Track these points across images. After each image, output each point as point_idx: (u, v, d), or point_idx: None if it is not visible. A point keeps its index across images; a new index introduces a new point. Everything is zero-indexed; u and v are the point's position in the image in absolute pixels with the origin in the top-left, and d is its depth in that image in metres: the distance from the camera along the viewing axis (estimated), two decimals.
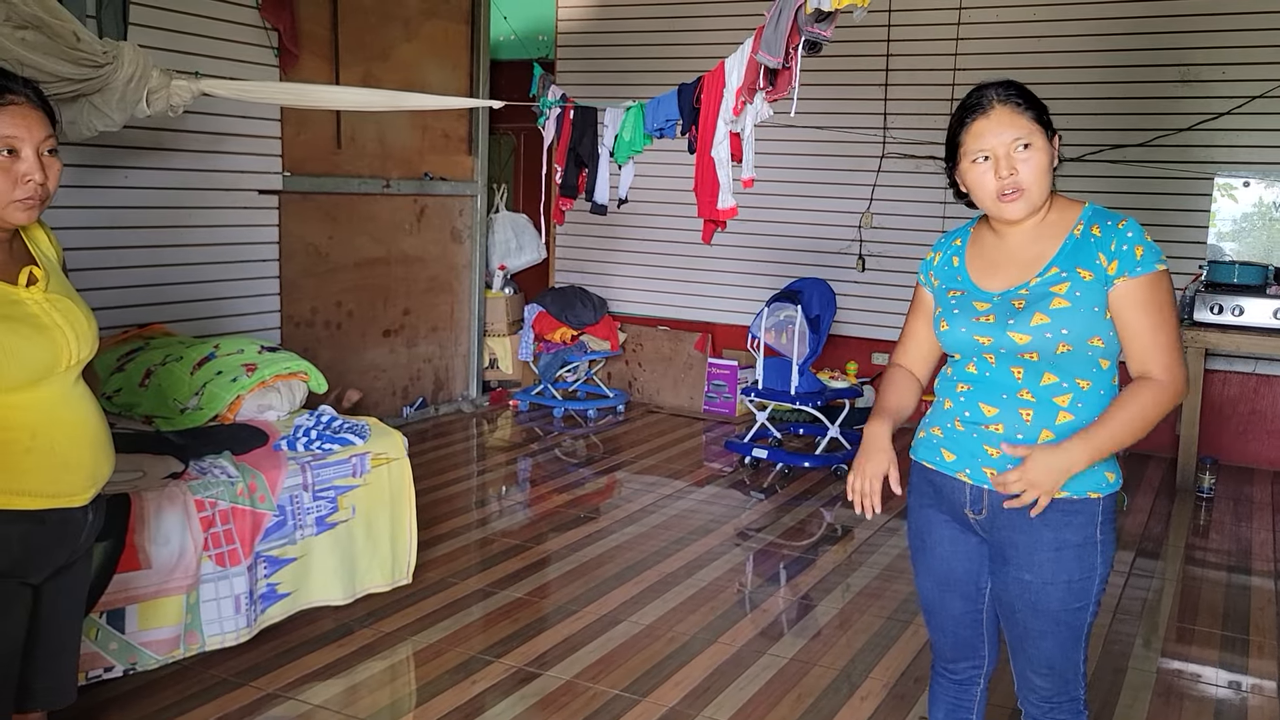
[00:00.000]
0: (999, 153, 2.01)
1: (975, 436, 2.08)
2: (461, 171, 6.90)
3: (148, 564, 3.08)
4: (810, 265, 6.91)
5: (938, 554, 2.22)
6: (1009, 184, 2.00)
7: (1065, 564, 2.04)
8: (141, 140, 4.77)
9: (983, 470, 2.07)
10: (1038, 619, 2.08)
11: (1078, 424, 2.00)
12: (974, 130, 2.04)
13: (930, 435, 2.19)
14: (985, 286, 2.11)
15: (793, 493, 5.44)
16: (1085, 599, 2.06)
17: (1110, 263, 1.99)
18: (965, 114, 2.06)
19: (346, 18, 5.89)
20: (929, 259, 2.27)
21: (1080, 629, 2.09)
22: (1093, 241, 2.02)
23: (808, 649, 3.59)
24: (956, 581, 2.22)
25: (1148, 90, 6.15)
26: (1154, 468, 6.09)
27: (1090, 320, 1.99)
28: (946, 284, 2.19)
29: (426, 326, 6.77)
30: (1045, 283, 2.02)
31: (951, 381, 2.15)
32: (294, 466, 3.53)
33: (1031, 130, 2.02)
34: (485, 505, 5.15)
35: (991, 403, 2.06)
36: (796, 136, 6.78)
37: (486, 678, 3.31)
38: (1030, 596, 2.07)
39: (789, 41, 3.69)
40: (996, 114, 2.02)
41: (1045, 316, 1.99)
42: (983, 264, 2.14)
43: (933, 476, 2.18)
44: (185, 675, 3.23)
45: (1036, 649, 2.11)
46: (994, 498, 2.07)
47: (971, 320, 2.08)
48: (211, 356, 3.99)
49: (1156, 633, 3.82)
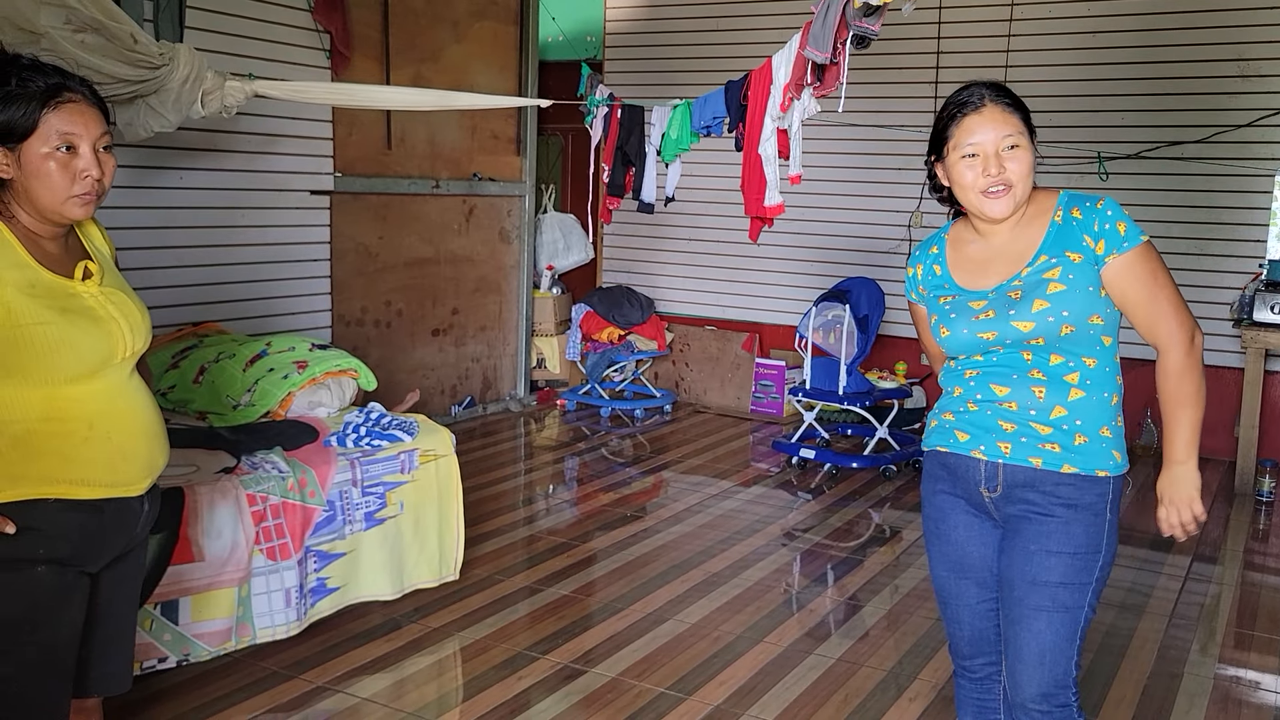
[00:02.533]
0: (988, 150, 2.06)
1: (990, 414, 2.13)
2: (510, 172, 6.94)
3: (201, 557, 3.12)
4: (859, 264, 6.85)
5: (952, 539, 2.25)
6: (997, 180, 2.05)
7: (1072, 535, 2.07)
8: (196, 141, 4.85)
9: (997, 445, 2.12)
10: (1035, 593, 2.08)
11: (1088, 400, 2.07)
12: (966, 125, 2.09)
13: (942, 421, 2.23)
14: (976, 286, 2.15)
15: (840, 493, 5.40)
16: (1086, 578, 2.08)
17: (1097, 243, 2.04)
18: (957, 109, 2.11)
19: (397, 20, 5.94)
20: (911, 274, 2.33)
21: (1077, 616, 2.08)
22: (1075, 224, 2.07)
23: (855, 649, 3.56)
24: (971, 567, 2.23)
25: (1206, 86, 6.02)
26: (1211, 470, 5.96)
27: (1087, 299, 2.04)
28: (936, 292, 2.23)
29: (475, 326, 6.82)
30: (1037, 270, 2.07)
31: (958, 371, 2.20)
32: (343, 462, 3.57)
33: (1020, 129, 2.07)
34: (532, 503, 5.18)
35: (1003, 383, 2.11)
36: (845, 134, 6.73)
37: (532, 674, 3.32)
38: (1032, 569, 2.09)
39: (837, 36, 3.67)
40: (988, 112, 2.07)
41: (1045, 302, 2.04)
42: (970, 266, 2.18)
43: (946, 459, 2.22)
44: (236, 667, 3.28)
45: (1029, 631, 2.09)
46: (1008, 472, 2.11)
47: (971, 320, 2.12)
48: (264, 354, 4.05)
49: (1214, 639, 3.74)
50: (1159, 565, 4.45)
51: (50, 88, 1.92)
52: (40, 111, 1.91)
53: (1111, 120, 6.16)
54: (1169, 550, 4.64)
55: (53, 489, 1.93)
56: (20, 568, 1.92)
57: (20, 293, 1.89)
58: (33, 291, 1.90)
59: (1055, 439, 2.07)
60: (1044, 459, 2.08)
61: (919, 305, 2.33)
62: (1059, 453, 2.07)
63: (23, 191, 1.94)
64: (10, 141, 1.91)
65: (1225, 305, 6.04)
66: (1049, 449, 2.08)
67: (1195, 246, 6.08)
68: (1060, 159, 6.17)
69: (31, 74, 1.93)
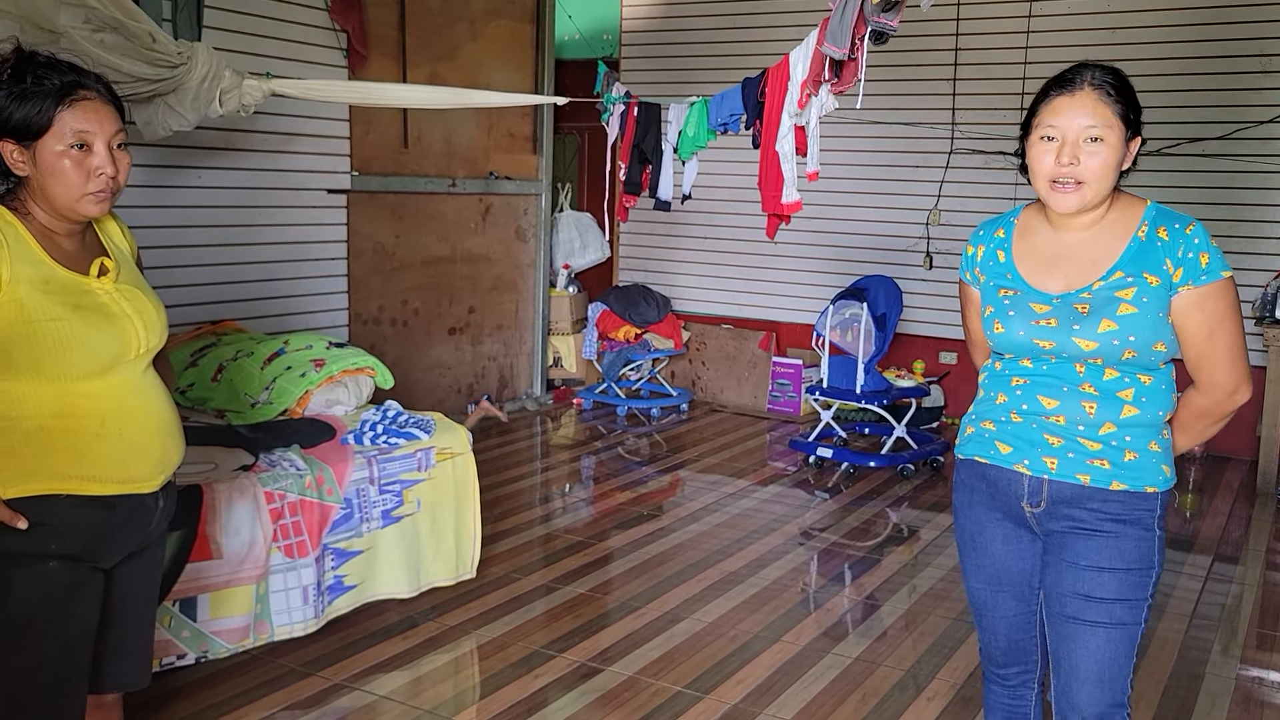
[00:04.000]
0: (1068, 137, 1.93)
1: (1035, 427, 2.03)
2: (526, 170, 6.94)
3: (219, 554, 3.13)
4: (876, 262, 6.82)
5: (990, 553, 2.16)
6: (1067, 172, 1.93)
7: (1123, 551, 1.99)
8: (214, 141, 4.87)
9: (1043, 460, 2.02)
10: (1090, 608, 2.00)
11: (1142, 418, 1.98)
12: (1054, 105, 1.96)
13: (981, 430, 2.13)
14: (1041, 286, 2.03)
15: (858, 493, 5.37)
16: (1142, 593, 2.00)
17: (1176, 269, 1.93)
18: (1052, 87, 1.98)
19: (413, 18, 5.95)
20: (970, 254, 2.18)
21: (1134, 631, 2.01)
22: (1159, 246, 1.95)
23: (873, 649, 3.54)
24: (1010, 581, 2.16)
25: (1226, 82, 5.97)
26: (1233, 470, 5.91)
27: (1156, 326, 1.94)
28: (996, 281, 2.10)
29: (491, 325, 6.82)
30: (1110, 287, 1.95)
31: (1004, 376, 2.09)
32: (360, 460, 3.57)
33: (1109, 123, 1.93)
34: (548, 502, 5.18)
35: (1052, 395, 2.01)
36: (862, 131, 6.71)
37: (549, 672, 3.31)
38: (1084, 585, 2.00)
39: (855, 32, 3.65)
40: (1081, 96, 1.94)
41: (1113, 323, 1.93)
42: (1036, 260, 2.05)
43: (986, 471, 2.12)
44: (254, 664, 3.29)
45: (1086, 648, 2.01)
46: (1053, 488, 2.02)
47: (1030, 323, 2.00)
48: (281, 352, 4.06)
49: (1235, 639, 3.71)
50: (1180, 565, 4.41)
51: (65, 85, 1.93)
52: (55, 109, 1.91)
53: None
54: (1190, 550, 4.60)
55: (65, 485, 1.94)
56: (32, 562, 1.92)
57: (34, 289, 1.89)
58: (46, 288, 1.91)
59: (1104, 455, 1.98)
60: (1092, 475, 1.99)
61: (971, 288, 2.20)
62: (1108, 469, 1.98)
63: (38, 189, 1.94)
64: (26, 139, 1.92)
65: (1248, 303, 5.98)
66: (1098, 465, 1.99)
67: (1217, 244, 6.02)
68: None
69: (47, 71, 1.93)
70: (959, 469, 2.21)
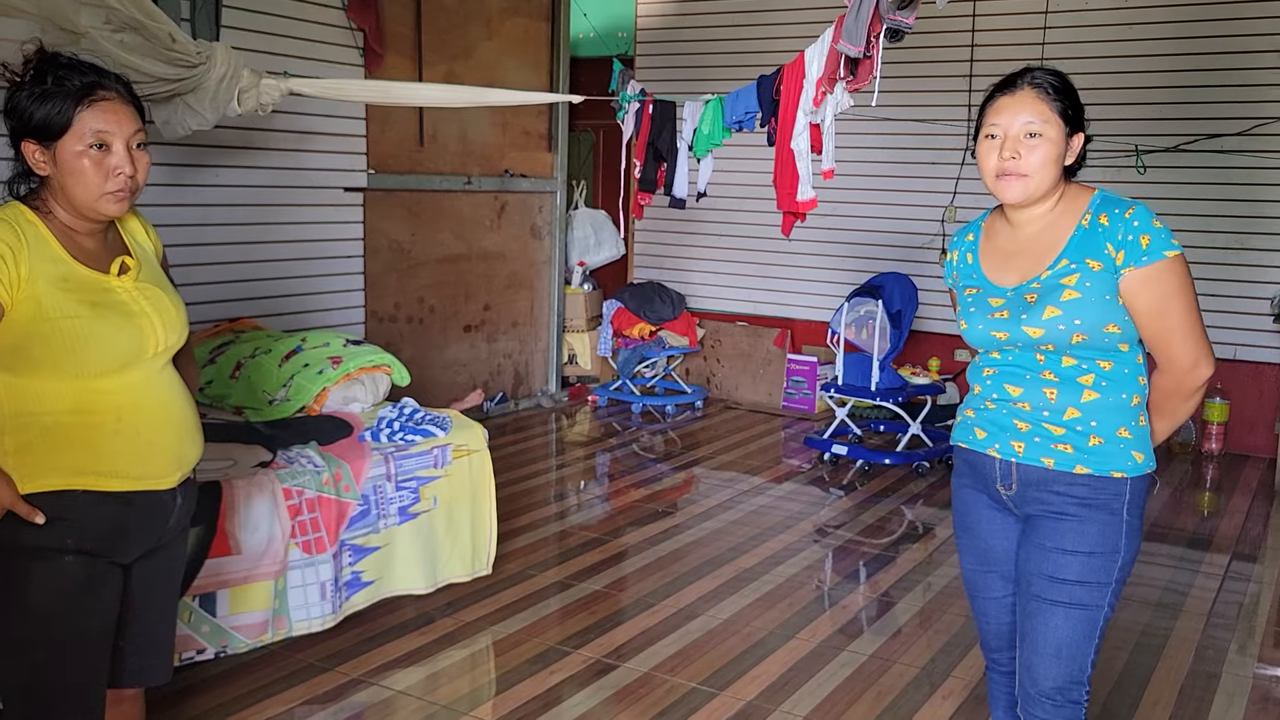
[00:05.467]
0: (1009, 133, 2.04)
1: (1005, 413, 2.14)
2: (541, 168, 6.96)
3: (238, 550, 3.16)
4: (892, 260, 6.81)
5: (978, 533, 2.27)
6: (1009, 167, 2.03)
7: (1087, 535, 2.06)
8: (232, 140, 4.90)
9: (1011, 444, 2.12)
10: (1053, 588, 2.08)
11: (1103, 401, 2.05)
12: (996, 105, 2.08)
13: (964, 417, 2.25)
14: (999, 281, 2.14)
15: (873, 490, 5.37)
16: (1105, 577, 2.07)
17: (1118, 252, 2.00)
18: (995, 89, 2.10)
19: (429, 17, 5.97)
20: (949, 259, 2.32)
21: (1096, 614, 2.08)
22: (1100, 231, 2.02)
23: (888, 646, 3.54)
24: (995, 560, 2.25)
25: (1244, 77, 5.93)
26: (1251, 468, 5.88)
27: (1103, 309, 2.01)
28: (964, 282, 2.23)
29: (506, 322, 6.84)
30: (1055, 275, 2.05)
31: (978, 367, 2.21)
32: (377, 457, 3.60)
33: (1047, 119, 2.03)
34: (564, 499, 5.19)
35: (1016, 383, 2.11)
36: (878, 128, 6.70)
37: (564, 668, 3.33)
38: (1049, 566, 2.08)
39: (870, 29, 3.65)
40: (1021, 95, 2.05)
41: (1056, 309, 2.02)
42: (997, 257, 2.17)
43: (968, 456, 2.24)
44: (273, 659, 3.32)
45: (1046, 625, 2.09)
46: (1021, 471, 2.12)
47: (987, 317, 2.12)
48: (299, 350, 4.09)
49: (1253, 638, 3.69)
50: (1197, 564, 4.39)
51: (85, 86, 1.94)
52: (75, 109, 1.93)
53: (1148, 113, 6.08)
54: (1208, 549, 4.58)
55: (81, 480, 1.96)
56: (49, 557, 1.95)
57: (52, 287, 1.91)
58: (65, 286, 1.93)
59: (1068, 440, 2.06)
60: (1056, 459, 2.07)
61: (954, 291, 2.32)
62: (1071, 453, 2.06)
63: (59, 188, 1.96)
64: (46, 139, 1.94)
65: (1266, 300, 5.95)
66: (1061, 449, 2.06)
67: (1235, 240, 5.99)
68: (1096, 153, 6.08)
69: (68, 72, 1.95)
70: (954, 455, 2.33)
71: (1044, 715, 2.12)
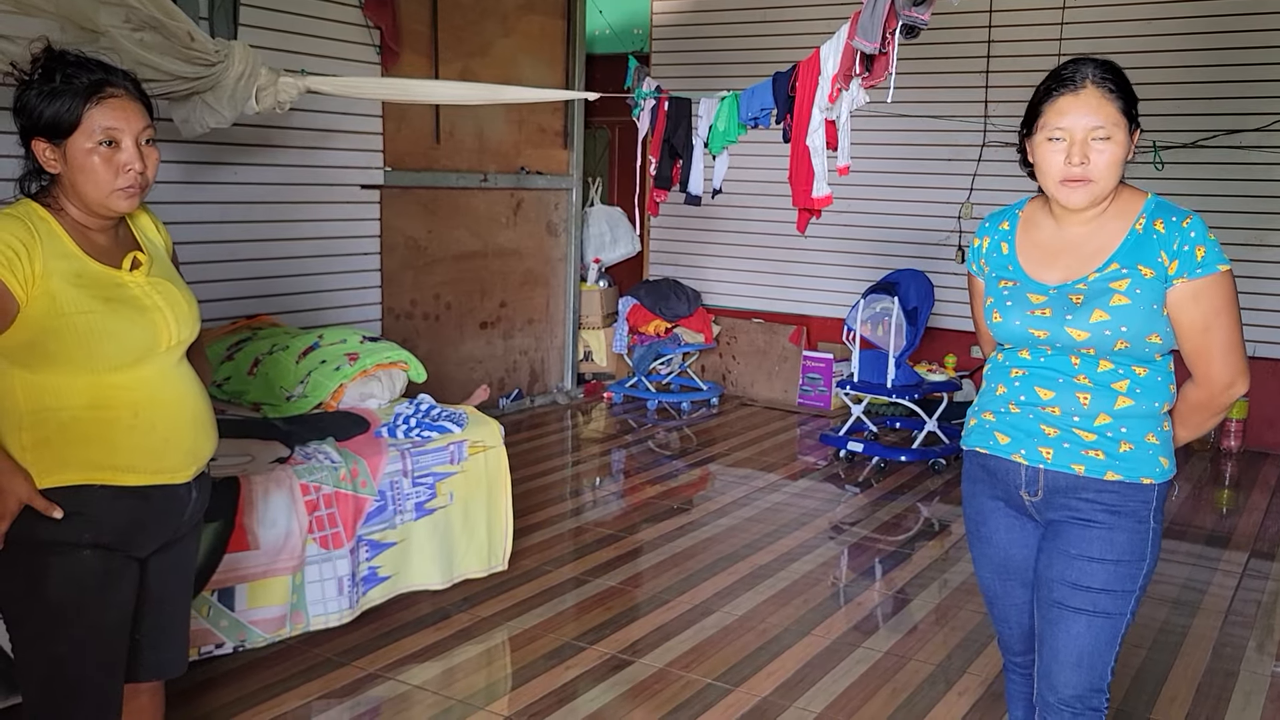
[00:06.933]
0: (1076, 136, 1.95)
1: (1031, 417, 2.07)
2: (557, 165, 6.97)
3: (256, 545, 3.18)
4: (908, 256, 6.79)
5: (995, 542, 2.21)
6: (1078, 173, 1.95)
7: (1115, 543, 2.02)
8: (250, 138, 4.93)
9: (1038, 450, 2.07)
10: (1076, 595, 2.04)
11: (1136, 409, 2.01)
12: (1058, 105, 1.97)
13: (982, 421, 2.18)
14: (1040, 278, 2.07)
15: (888, 487, 5.36)
16: (1130, 585, 2.03)
17: (1171, 262, 1.95)
18: (1054, 85, 1.99)
19: (446, 14, 5.99)
20: (977, 245, 2.23)
21: (1118, 622, 2.05)
22: (1155, 238, 1.97)
23: (903, 643, 3.54)
24: (1016, 569, 2.20)
25: (1264, 73, 5.88)
26: (1269, 466, 5.84)
27: (1149, 317, 1.97)
28: (998, 273, 2.15)
29: (522, 319, 6.86)
30: (1105, 278, 1.99)
31: (1004, 367, 2.13)
32: (394, 453, 3.61)
33: (1116, 121, 1.95)
34: (579, 495, 5.20)
35: (1048, 386, 2.05)
36: (894, 125, 6.68)
37: (579, 664, 3.34)
38: (1073, 573, 2.04)
39: (886, 26, 3.64)
40: (1085, 95, 1.95)
41: (1105, 314, 1.96)
42: (1038, 253, 2.09)
43: (986, 461, 2.17)
44: (291, 653, 3.34)
45: (1068, 633, 2.05)
46: (1049, 477, 2.07)
47: (1027, 313, 2.04)
48: (316, 346, 4.11)
49: (1271, 636, 3.67)
50: (1215, 561, 4.37)
51: (93, 83, 1.96)
52: (84, 107, 1.94)
53: (1167, 109, 6.04)
54: (1226, 546, 4.56)
55: (99, 475, 1.97)
56: (66, 551, 1.97)
57: (66, 282, 1.93)
58: (79, 281, 1.95)
59: (1099, 445, 2.02)
60: (1087, 466, 2.02)
61: (978, 279, 2.24)
62: (1103, 460, 2.02)
63: (70, 185, 1.98)
64: (57, 137, 1.95)
65: None
66: (1092, 455, 2.02)
67: (1254, 237, 5.95)
68: None
69: (76, 70, 1.97)
70: (965, 460, 2.27)
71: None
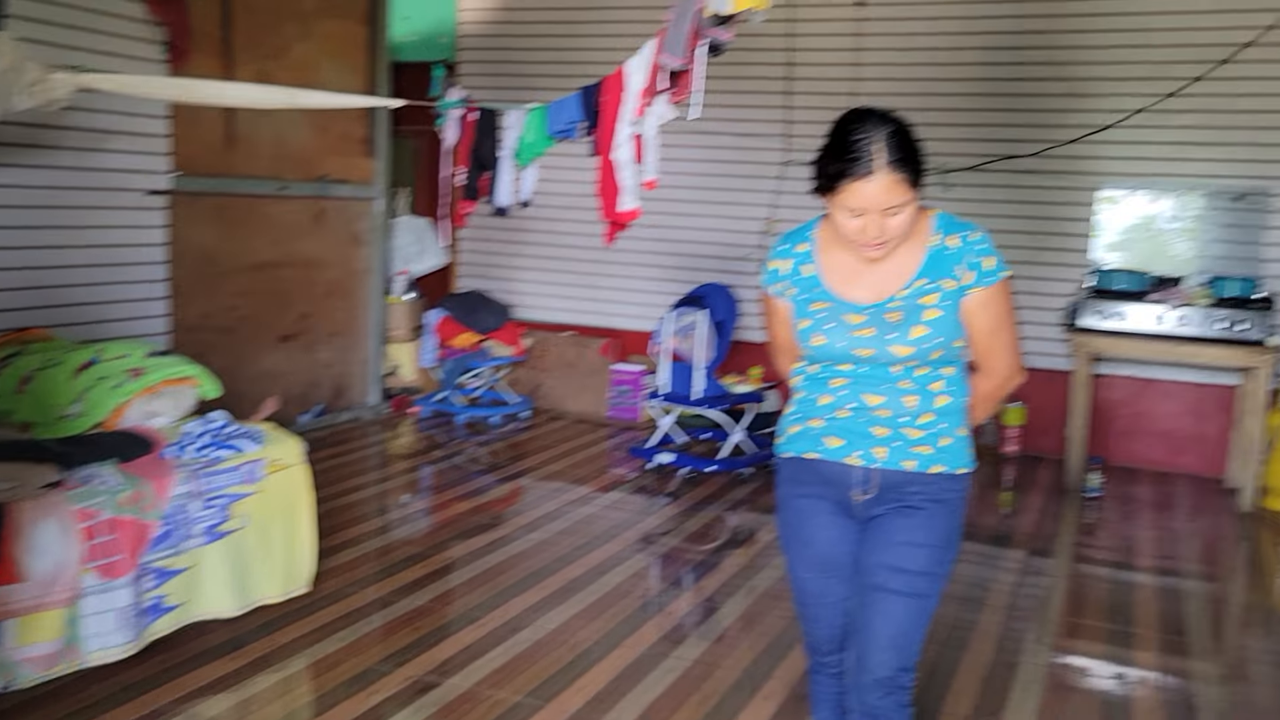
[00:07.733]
0: (869, 213, 2.06)
1: (863, 421, 2.21)
2: (361, 174, 6.77)
3: (24, 577, 2.93)
4: (714, 271, 6.95)
5: (817, 541, 2.31)
6: (874, 242, 2.10)
7: (934, 529, 2.19)
8: (20, 137, 4.57)
9: (872, 451, 2.20)
10: (896, 579, 2.18)
11: (953, 405, 2.20)
12: (853, 189, 2.03)
13: (808, 428, 2.28)
14: (851, 298, 2.19)
15: (697, 497, 5.45)
16: (942, 569, 2.21)
17: (968, 273, 2.14)
18: (846, 166, 2.02)
19: (239, 15, 5.73)
20: (774, 269, 2.29)
21: (930, 604, 2.21)
22: (949, 254, 2.15)
23: (711, 651, 3.59)
24: (839, 566, 2.30)
25: (1037, 104, 6.34)
26: (1044, 469, 6.27)
27: (956, 325, 2.17)
28: (808, 295, 2.24)
29: (325, 332, 6.62)
30: (914, 294, 2.15)
31: (821, 379, 2.25)
32: (183, 474, 3.41)
33: (906, 196, 2.05)
34: (386, 513, 5.05)
35: (875, 392, 2.19)
36: (700, 142, 6.82)
37: (385, 688, 3.23)
38: (895, 558, 2.19)
39: (691, 42, 3.71)
40: (877, 180, 2.01)
41: (924, 328, 2.13)
42: (843, 271, 2.21)
43: (816, 466, 2.27)
44: (65, 692, 3.08)
45: (886, 615, 2.19)
46: (883, 476, 2.21)
47: (850, 334, 2.17)
48: (94, 361, 3.84)
49: (1047, 628, 3.92)
50: (997, 560, 4.64)
51: None
52: None
53: (953, 135, 6.41)
54: (1008, 545, 4.85)
55: None
56: None
57: None
58: None
59: (926, 441, 2.19)
60: (917, 462, 2.19)
61: (779, 300, 2.30)
62: (930, 454, 2.19)
63: None
64: None
65: (1056, 311, 6.36)
66: (921, 451, 2.19)
67: (1029, 255, 6.38)
68: None
69: None
70: (783, 467, 2.35)
71: (876, 701, 2.20)
